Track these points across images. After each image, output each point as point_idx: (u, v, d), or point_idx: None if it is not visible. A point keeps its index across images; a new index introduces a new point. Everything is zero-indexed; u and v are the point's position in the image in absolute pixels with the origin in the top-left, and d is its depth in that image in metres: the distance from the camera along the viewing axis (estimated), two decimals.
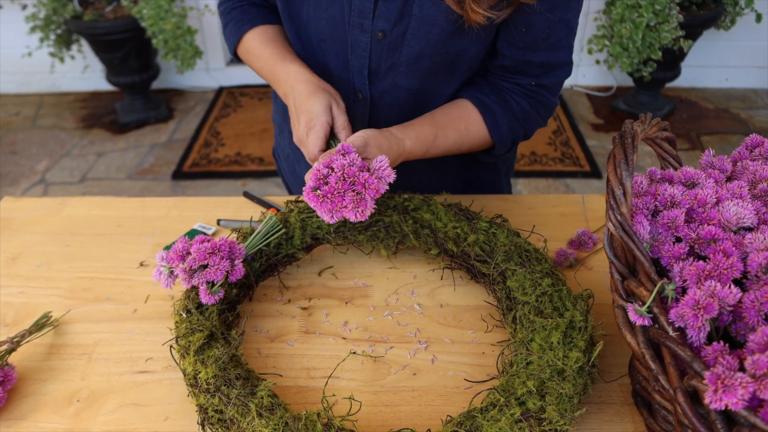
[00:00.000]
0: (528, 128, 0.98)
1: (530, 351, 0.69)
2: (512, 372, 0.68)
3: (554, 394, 0.64)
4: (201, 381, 0.67)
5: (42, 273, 0.91)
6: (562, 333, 0.70)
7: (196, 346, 0.70)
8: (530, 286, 0.77)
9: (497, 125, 0.95)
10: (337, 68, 0.96)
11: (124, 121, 3.22)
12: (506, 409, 0.63)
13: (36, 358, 0.78)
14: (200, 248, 0.76)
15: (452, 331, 0.80)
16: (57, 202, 1.06)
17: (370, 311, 0.83)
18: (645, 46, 2.85)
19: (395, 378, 0.74)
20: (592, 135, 3.20)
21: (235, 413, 0.64)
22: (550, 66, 0.92)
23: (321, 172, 0.72)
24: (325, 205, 0.71)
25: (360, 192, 0.71)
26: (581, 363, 0.68)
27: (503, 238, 0.84)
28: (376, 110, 0.99)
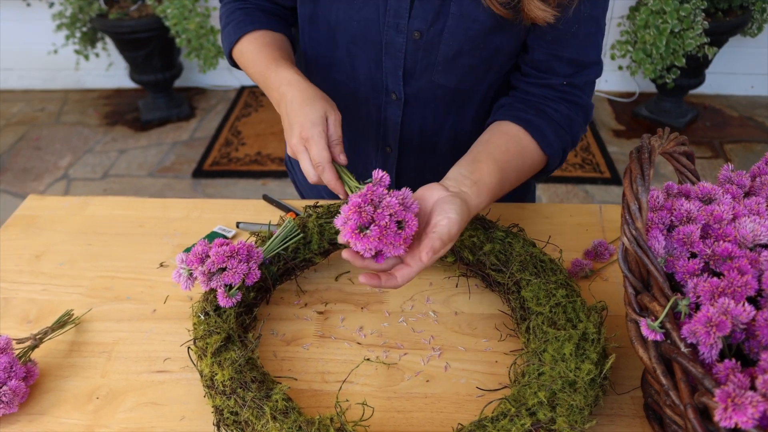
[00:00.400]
0: (574, 133, 0.94)
1: (542, 362, 0.70)
2: (524, 382, 0.69)
3: (565, 406, 0.65)
4: (217, 383, 0.69)
5: (65, 271, 0.93)
6: (574, 344, 0.71)
7: (213, 348, 0.72)
8: (544, 296, 0.78)
9: (545, 138, 0.90)
10: (368, 70, 0.96)
11: (147, 118, 3.26)
12: (516, 419, 0.63)
13: (58, 354, 0.80)
14: (219, 251, 0.77)
15: (466, 338, 0.81)
16: (80, 201, 1.08)
17: (385, 317, 0.84)
18: (669, 52, 2.82)
19: (408, 384, 0.75)
20: (613, 141, 3.18)
21: (250, 416, 0.65)
22: (580, 64, 0.91)
23: (365, 210, 0.68)
24: (372, 243, 0.67)
25: (401, 227, 0.69)
26: (593, 375, 0.68)
27: (519, 247, 0.84)
28: (410, 109, 0.99)
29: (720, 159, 3.07)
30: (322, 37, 0.97)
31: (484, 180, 0.80)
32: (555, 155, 0.92)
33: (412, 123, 1.01)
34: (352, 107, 1.03)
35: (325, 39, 0.97)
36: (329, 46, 0.97)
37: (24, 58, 3.61)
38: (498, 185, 0.82)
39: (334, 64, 0.99)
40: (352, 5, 0.90)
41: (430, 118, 1.00)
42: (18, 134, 3.24)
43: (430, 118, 1.00)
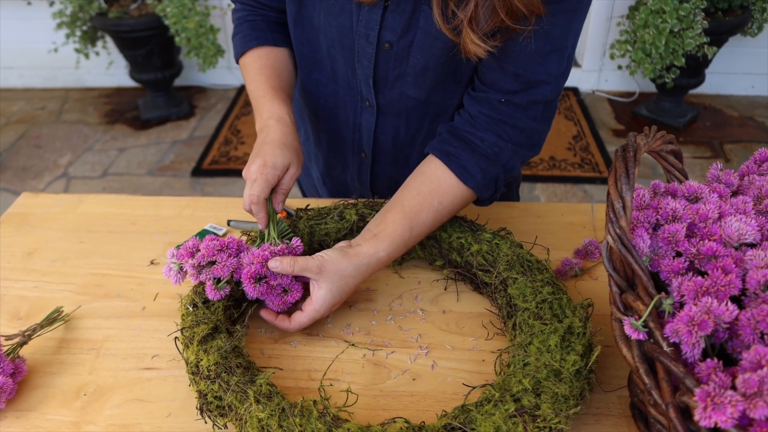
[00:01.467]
0: (504, 162, 0.87)
1: (528, 353, 0.70)
2: (509, 372, 0.69)
3: (549, 393, 0.65)
4: (202, 368, 0.69)
5: (56, 268, 0.94)
6: (560, 337, 0.71)
7: (200, 336, 0.72)
8: (531, 293, 0.78)
9: (467, 171, 0.85)
10: (346, 74, 0.97)
11: (147, 117, 3.27)
12: (501, 404, 0.63)
13: (46, 351, 0.80)
14: (209, 245, 0.78)
15: (454, 337, 0.81)
16: (74, 199, 1.08)
17: (373, 315, 0.84)
18: (668, 52, 2.82)
19: (395, 382, 0.75)
20: (612, 141, 3.18)
21: (234, 399, 0.65)
22: (526, 81, 0.83)
23: (266, 266, 0.78)
24: (256, 294, 0.78)
25: (284, 291, 0.81)
26: (578, 366, 0.68)
27: (506, 248, 0.84)
28: (384, 118, 0.99)
29: (720, 159, 3.06)
30: (306, 37, 0.98)
31: (387, 230, 0.82)
32: (479, 188, 0.87)
33: (385, 131, 1.02)
34: (332, 108, 1.04)
35: (309, 40, 0.98)
36: (313, 46, 0.98)
37: (25, 56, 3.62)
38: (406, 231, 0.83)
39: (317, 65, 1.00)
40: (331, 11, 0.90)
41: (402, 128, 1.01)
42: (18, 133, 3.24)
43: (403, 128, 1.01)
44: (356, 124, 1.02)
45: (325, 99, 1.04)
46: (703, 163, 3.05)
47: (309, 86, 1.05)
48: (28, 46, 3.56)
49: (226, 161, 2.96)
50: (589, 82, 3.63)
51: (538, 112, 0.86)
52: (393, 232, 0.82)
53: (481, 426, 0.61)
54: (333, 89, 1.01)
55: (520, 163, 0.91)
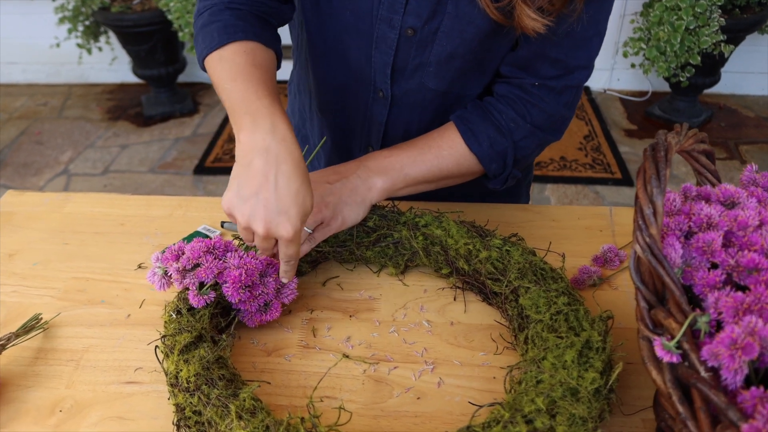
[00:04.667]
0: (518, 139, 0.86)
1: (541, 369, 0.63)
2: (520, 390, 0.62)
3: (566, 415, 0.58)
4: (181, 379, 0.63)
5: (38, 272, 0.88)
6: (577, 352, 0.64)
7: (181, 345, 0.66)
8: (544, 304, 0.71)
9: (473, 133, 0.85)
10: (358, 63, 0.91)
11: (150, 113, 3.22)
12: (510, 426, 0.57)
13: (22, 362, 0.74)
14: (195, 247, 0.72)
15: (462, 351, 0.74)
16: (60, 197, 1.03)
17: (375, 326, 0.78)
18: (683, 50, 2.74)
19: (397, 402, 0.68)
20: (624, 141, 3.10)
21: (214, 415, 0.59)
22: (565, 66, 0.83)
23: (255, 278, 0.74)
24: (236, 299, 0.72)
25: (264, 306, 0.76)
26: (598, 385, 0.61)
27: (517, 255, 0.78)
28: (397, 110, 0.93)
29: (735, 161, 2.98)
30: (314, 24, 0.91)
31: (382, 163, 0.85)
32: (485, 156, 0.86)
33: (396, 125, 0.96)
34: (339, 102, 0.98)
35: (317, 27, 0.91)
36: (321, 34, 0.92)
37: (27, 52, 3.57)
38: (406, 160, 0.85)
39: (326, 54, 0.94)
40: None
41: (415, 122, 0.94)
42: (20, 129, 3.20)
43: (416, 122, 0.94)
44: (366, 117, 0.96)
45: (332, 91, 0.97)
46: (719, 165, 2.96)
47: (316, 77, 0.99)
48: (30, 42, 3.52)
49: (229, 159, 2.90)
50: (601, 80, 3.55)
51: (571, 97, 0.85)
52: (390, 160, 0.84)
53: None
54: (341, 81, 0.95)
55: (536, 147, 0.88)
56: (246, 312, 0.74)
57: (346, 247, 0.83)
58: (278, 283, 0.75)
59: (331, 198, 0.80)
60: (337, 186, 0.81)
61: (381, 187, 0.83)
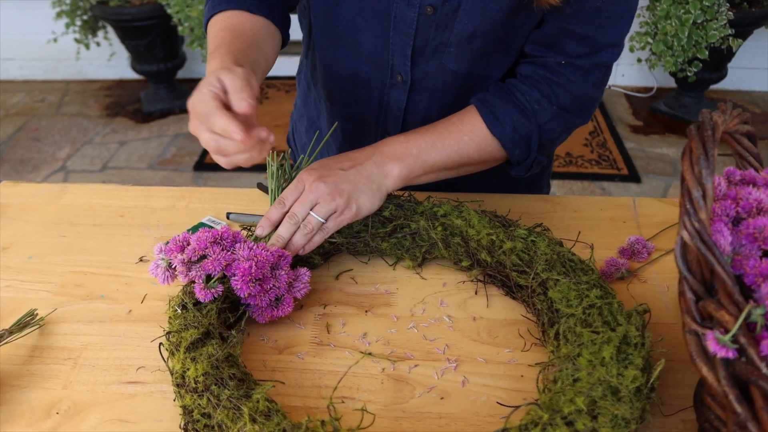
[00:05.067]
0: (543, 122, 0.82)
1: (577, 367, 0.59)
2: (556, 389, 0.58)
3: (608, 416, 0.53)
4: (189, 379, 0.58)
5: (33, 265, 0.83)
6: (615, 348, 0.60)
7: (187, 342, 0.61)
8: (575, 297, 0.67)
9: (495, 117, 0.81)
10: (373, 47, 0.86)
11: (148, 110, 3.17)
12: (550, 428, 0.52)
13: (16, 361, 0.70)
14: (201, 237, 0.67)
15: (486, 348, 0.70)
16: (57, 188, 0.98)
17: (392, 322, 0.73)
18: (691, 44, 2.69)
19: (419, 402, 0.64)
20: (630, 137, 3.06)
21: (225, 417, 0.54)
22: (593, 44, 0.78)
23: (266, 272, 0.68)
24: (245, 293, 0.67)
25: (276, 301, 0.71)
26: (639, 383, 0.57)
27: (544, 246, 0.73)
28: (416, 95, 0.88)
29: None
30: (324, 8, 0.86)
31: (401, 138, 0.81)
32: (508, 141, 0.82)
33: (415, 111, 0.91)
34: (351, 91, 0.93)
35: (327, 11, 0.86)
36: (332, 18, 0.87)
37: (25, 47, 3.52)
38: (426, 143, 0.81)
39: (335, 40, 0.89)
40: None
41: (435, 108, 0.90)
42: (17, 125, 3.15)
43: (436, 108, 0.90)
44: (383, 103, 0.91)
45: (341, 80, 0.93)
46: (726, 160, 2.92)
47: (324, 66, 0.94)
48: (28, 38, 3.46)
49: None
50: None
51: (600, 76, 0.80)
52: (408, 144, 0.80)
53: None
54: (353, 68, 0.90)
55: (563, 130, 0.83)
56: (256, 307, 0.69)
57: (361, 239, 0.78)
58: (290, 276, 0.70)
59: (345, 185, 0.75)
60: (351, 173, 0.76)
61: (397, 174, 0.78)
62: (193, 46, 2.79)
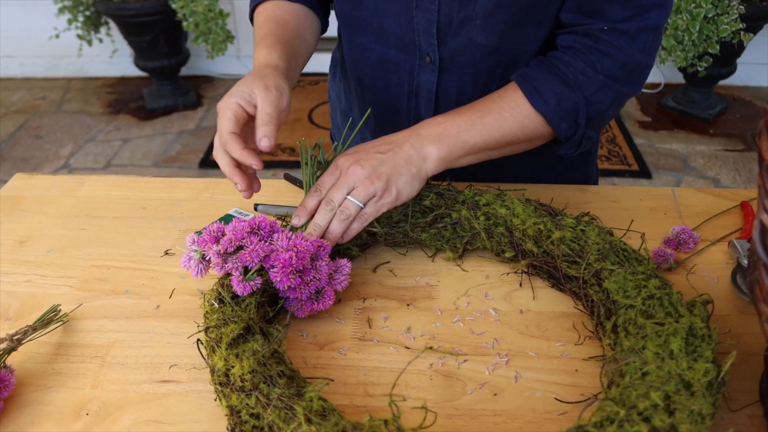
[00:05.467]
0: (590, 94, 0.76)
1: (645, 360, 0.55)
2: (625, 383, 0.54)
3: (685, 411, 0.50)
4: (234, 377, 0.54)
5: (52, 259, 0.79)
6: (682, 340, 0.56)
7: (229, 338, 0.57)
8: (633, 288, 0.63)
9: (537, 91, 0.76)
10: (399, 28, 0.82)
11: (152, 107, 3.12)
12: (628, 425, 0.48)
13: (40, 359, 0.66)
14: (237, 227, 0.63)
15: (536, 342, 0.66)
16: (74, 180, 0.94)
17: (436, 316, 0.69)
18: (702, 39, 2.66)
19: (472, 399, 0.60)
20: (639, 133, 3.03)
21: (276, 418, 0.50)
22: (637, 5, 0.72)
23: (295, 264, 0.63)
24: (285, 285, 0.63)
25: (316, 294, 0.67)
26: (711, 377, 0.53)
27: (594, 236, 0.70)
28: (447, 75, 0.85)
29: (753, 152, 2.91)
30: None
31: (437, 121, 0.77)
32: (553, 115, 0.77)
33: (448, 91, 0.87)
34: (379, 76, 0.90)
35: None
36: (356, 5, 0.84)
37: (25, 44, 3.47)
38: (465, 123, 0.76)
39: (361, 26, 0.86)
40: None
41: (468, 85, 0.86)
42: (17, 123, 3.10)
43: (469, 85, 0.86)
44: (412, 87, 0.88)
45: (370, 66, 0.89)
46: (736, 156, 2.90)
47: (352, 53, 0.91)
48: (29, 34, 3.42)
49: None
50: None
51: (648, 41, 0.74)
52: (445, 125, 0.76)
53: None
54: (379, 53, 0.87)
55: (612, 102, 0.78)
56: (295, 300, 0.66)
57: (400, 229, 0.75)
58: (330, 267, 0.67)
59: (383, 168, 0.71)
60: (389, 156, 0.72)
61: (437, 156, 0.74)
62: (198, 42, 2.75)
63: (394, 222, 0.75)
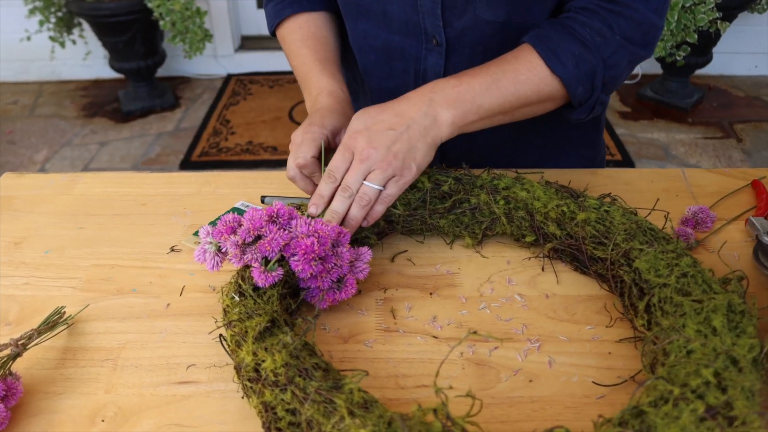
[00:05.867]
0: (607, 56, 0.74)
1: (688, 338, 0.54)
2: (671, 362, 0.52)
3: (737, 388, 0.48)
4: (266, 372, 0.51)
5: (51, 260, 0.75)
6: (723, 316, 0.55)
7: (255, 331, 0.54)
8: (665, 267, 0.61)
9: (554, 53, 0.73)
10: (402, 13, 0.80)
11: (128, 109, 3.05)
12: (683, 404, 0.47)
13: (47, 365, 0.62)
14: (255, 216, 0.60)
15: (566, 326, 0.64)
16: (67, 178, 0.90)
17: (461, 303, 0.67)
18: (680, 29, 2.69)
19: (507, 386, 0.58)
20: (620, 123, 3.05)
21: (316, 413, 0.47)
22: None
23: (317, 251, 0.61)
24: (307, 273, 0.61)
25: (337, 283, 0.65)
26: (755, 353, 0.52)
27: (619, 216, 0.68)
28: (455, 57, 0.82)
29: (731, 139, 2.95)
30: None
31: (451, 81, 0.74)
32: (571, 78, 0.74)
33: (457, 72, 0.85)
34: (385, 63, 0.87)
35: None
36: None
37: None
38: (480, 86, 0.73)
39: (364, 12, 0.83)
40: None
41: (478, 64, 0.83)
42: None
43: (479, 64, 0.83)
44: (419, 72, 0.85)
45: (375, 53, 0.87)
46: (715, 143, 2.93)
47: (356, 41, 0.88)
48: None
49: (216, 152, 2.76)
50: None
51: (661, 2, 0.73)
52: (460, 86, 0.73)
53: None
54: (384, 39, 0.84)
55: (627, 64, 0.76)
56: (316, 290, 0.63)
57: (417, 216, 0.72)
58: (352, 254, 0.64)
59: (398, 146, 0.68)
60: (402, 131, 0.68)
61: (451, 122, 0.71)
62: (175, 42, 2.70)
63: (412, 209, 0.72)
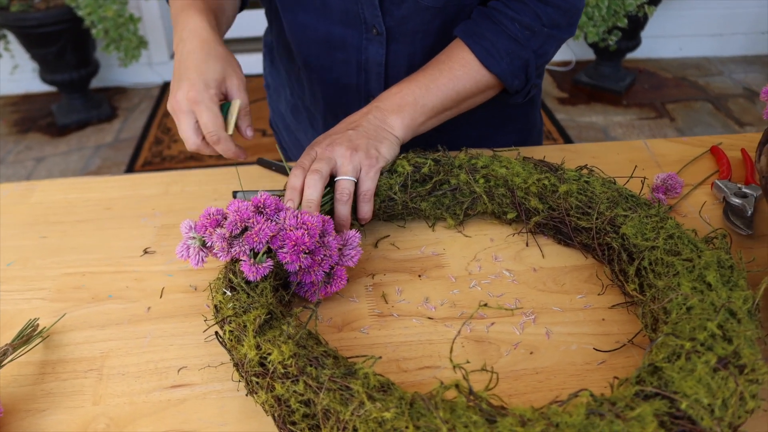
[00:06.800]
0: (537, 47, 0.78)
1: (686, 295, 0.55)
2: (673, 320, 0.53)
3: (741, 338, 0.49)
4: (273, 365, 0.49)
5: (16, 272, 0.71)
6: (716, 271, 0.56)
7: (255, 325, 0.52)
8: (651, 230, 0.63)
9: (489, 53, 0.77)
10: (342, 3, 0.80)
11: (63, 122, 2.92)
12: (695, 357, 0.47)
13: (24, 381, 0.58)
14: (240, 207, 0.58)
15: (557, 297, 0.65)
16: (22, 187, 0.85)
17: (451, 283, 0.67)
18: (610, 14, 2.78)
19: (509, 360, 0.58)
20: (559, 109, 3.13)
21: (332, 401, 0.46)
22: None
23: (307, 243, 0.58)
24: (298, 262, 0.58)
25: (327, 275, 0.63)
26: (749, 305, 0.53)
27: (599, 186, 0.69)
28: (396, 45, 0.83)
29: (665, 119, 3.07)
30: None
31: (394, 91, 0.76)
32: (507, 74, 0.78)
33: (397, 63, 0.85)
34: (325, 54, 0.87)
35: None
36: None
37: None
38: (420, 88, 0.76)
39: (302, 4, 0.82)
40: None
41: (418, 54, 0.84)
42: None
43: (419, 54, 0.84)
44: (361, 62, 0.85)
45: (316, 45, 0.86)
46: (650, 123, 3.05)
47: (295, 35, 0.86)
48: None
49: (160, 161, 2.68)
50: None
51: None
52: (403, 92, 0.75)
53: (684, 386, 0.45)
54: (324, 31, 0.83)
55: (555, 49, 0.81)
56: (309, 285, 0.61)
57: (397, 200, 0.72)
58: (339, 241, 0.62)
59: (359, 141, 0.70)
60: (359, 131, 0.72)
61: (401, 125, 0.74)
62: (109, 50, 2.60)
63: (393, 193, 0.72)
